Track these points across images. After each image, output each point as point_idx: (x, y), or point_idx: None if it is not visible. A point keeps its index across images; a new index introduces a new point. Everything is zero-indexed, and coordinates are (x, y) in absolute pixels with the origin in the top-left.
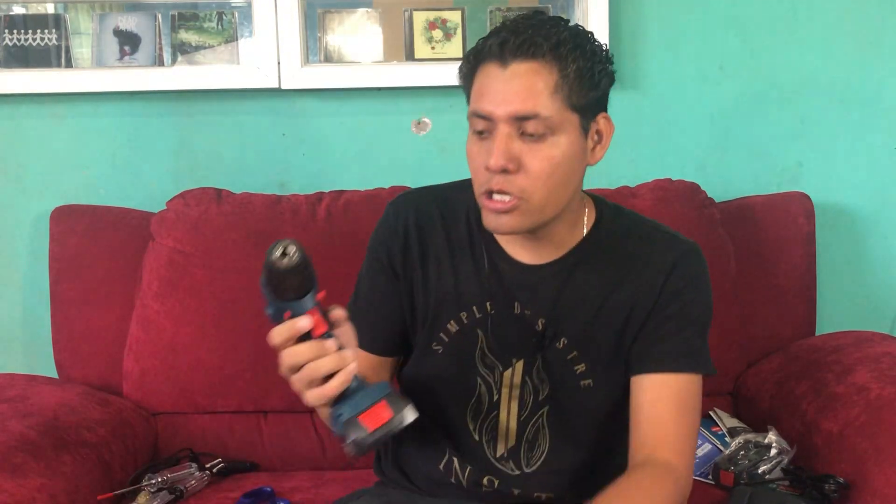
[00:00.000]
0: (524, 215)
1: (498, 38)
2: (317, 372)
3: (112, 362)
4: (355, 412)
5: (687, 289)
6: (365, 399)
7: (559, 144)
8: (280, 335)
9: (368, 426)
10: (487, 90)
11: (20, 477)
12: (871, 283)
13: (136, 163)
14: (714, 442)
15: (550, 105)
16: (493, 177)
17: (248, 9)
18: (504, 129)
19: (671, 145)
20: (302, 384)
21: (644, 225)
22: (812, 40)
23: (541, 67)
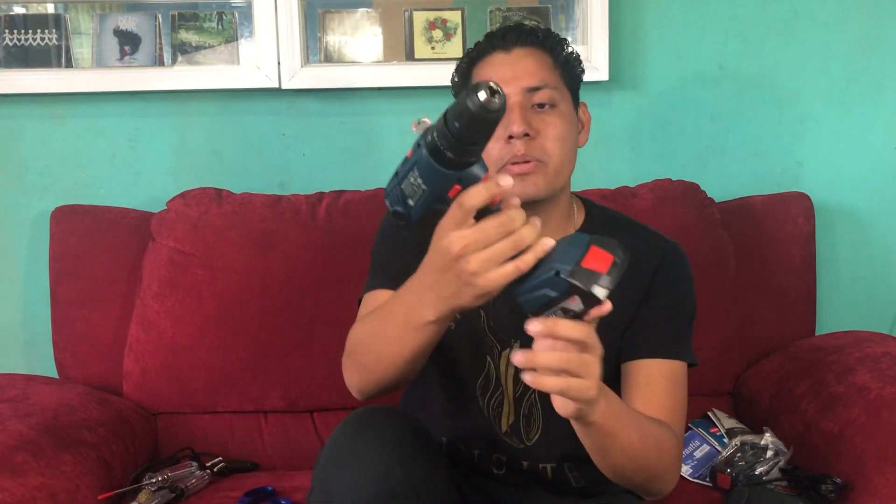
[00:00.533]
0: (544, 178)
1: (494, 35)
2: (517, 243)
3: (112, 362)
4: (574, 262)
5: (676, 283)
6: (570, 247)
7: (564, 114)
8: (478, 195)
9: (601, 269)
10: (494, 74)
11: (20, 476)
12: (871, 283)
13: (136, 163)
14: (712, 443)
15: (553, 78)
16: (513, 147)
17: (248, 9)
18: (518, 100)
19: (671, 145)
20: (492, 263)
21: (630, 223)
22: (812, 40)
23: (538, 51)
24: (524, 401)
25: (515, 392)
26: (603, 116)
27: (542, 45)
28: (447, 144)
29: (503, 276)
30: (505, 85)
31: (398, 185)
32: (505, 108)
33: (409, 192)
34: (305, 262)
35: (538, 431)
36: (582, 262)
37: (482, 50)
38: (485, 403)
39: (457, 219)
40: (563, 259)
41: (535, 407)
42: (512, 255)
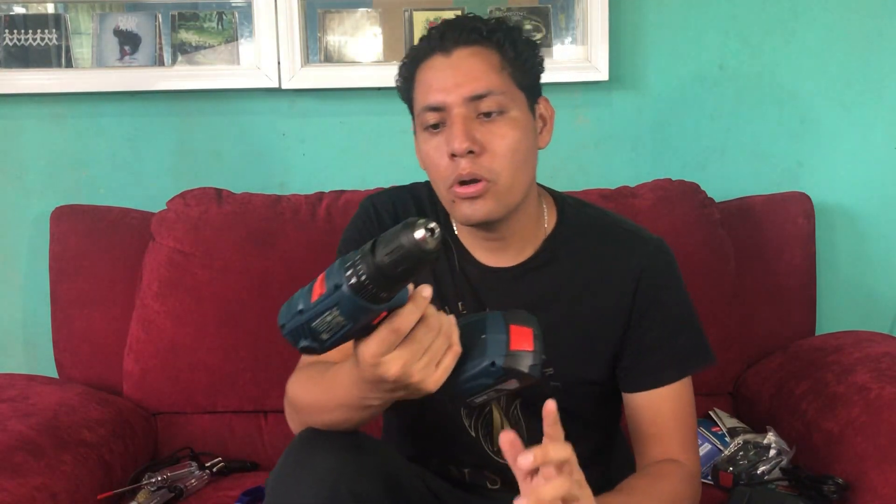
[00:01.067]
0: (495, 198)
1: (433, 35)
2: (443, 346)
3: (112, 362)
4: (503, 350)
5: (661, 291)
6: (495, 337)
7: (515, 121)
8: (408, 319)
9: (527, 346)
10: (435, 81)
11: (20, 476)
12: (871, 283)
13: (136, 163)
14: (714, 442)
15: (500, 81)
16: (458, 165)
17: (248, 9)
18: (460, 112)
19: (671, 145)
20: (432, 368)
21: (606, 219)
22: (812, 40)
23: (482, 49)
24: (509, 415)
25: (501, 407)
26: (603, 116)
27: (488, 42)
28: (377, 283)
29: (445, 371)
30: (445, 93)
31: (306, 324)
32: (439, 248)
33: (325, 328)
34: (305, 262)
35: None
36: (510, 346)
37: (421, 52)
38: (471, 424)
39: (389, 342)
40: (492, 346)
41: (519, 424)
42: (447, 349)
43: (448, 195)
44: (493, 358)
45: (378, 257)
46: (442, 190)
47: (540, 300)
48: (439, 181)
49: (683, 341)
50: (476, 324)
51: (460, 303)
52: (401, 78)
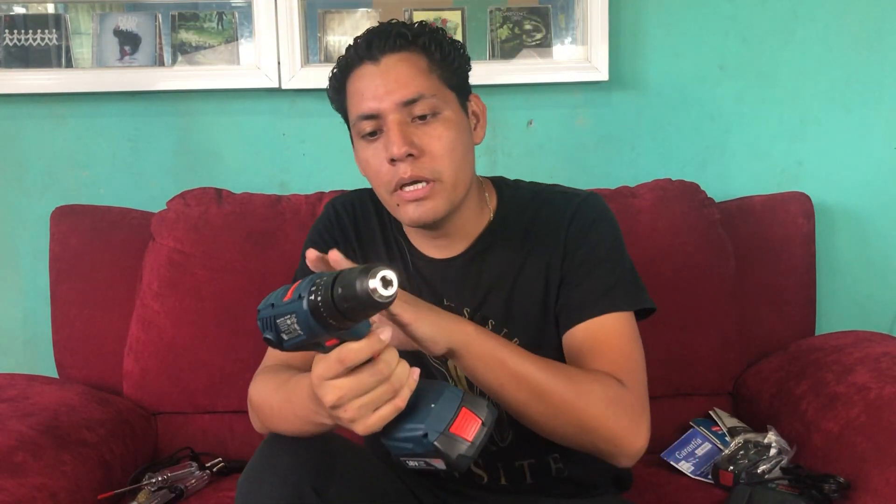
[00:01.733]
0: (441, 196)
1: (360, 44)
2: (393, 387)
3: (112, 362)
4: (442, 426)
5: (588, 231)
6: (443, 410)
7: (449, 121)
8: (358, 355)
9: (465, 436)
10: (366, 90)
11: (20, 476)
12: (871, 283)
13: (136, 163)
14: (714, 441)
15: (429, 84)
16: (398, 169)
17: (248, 9)
18: (395, 118)
19: (671, 145)
20: (368, 410)
21: (542, 191)
22: (812, 40)
23: (410, 55)
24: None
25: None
26: (603, 116)
27: (414, 47)
28: (328, 312)
29: (380, 420)
30: (377, 101)
31: (273, 317)
32: (391, 301)
33: (285, 329)
34: None
35: (510, 433)
36: (450, 428)
37: (350, 61)
38: None
39: (334, 371)
40: (434, 419)
41: (502, 415)
42: (390, 398)
43: (392, 199)
44: (428, 430)
45: (335, 289)
46: (385, 195)
47: (490, 279)
48: (381, 187)
49: (613, 277)
50: (434, 390)
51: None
52: (332, 89)
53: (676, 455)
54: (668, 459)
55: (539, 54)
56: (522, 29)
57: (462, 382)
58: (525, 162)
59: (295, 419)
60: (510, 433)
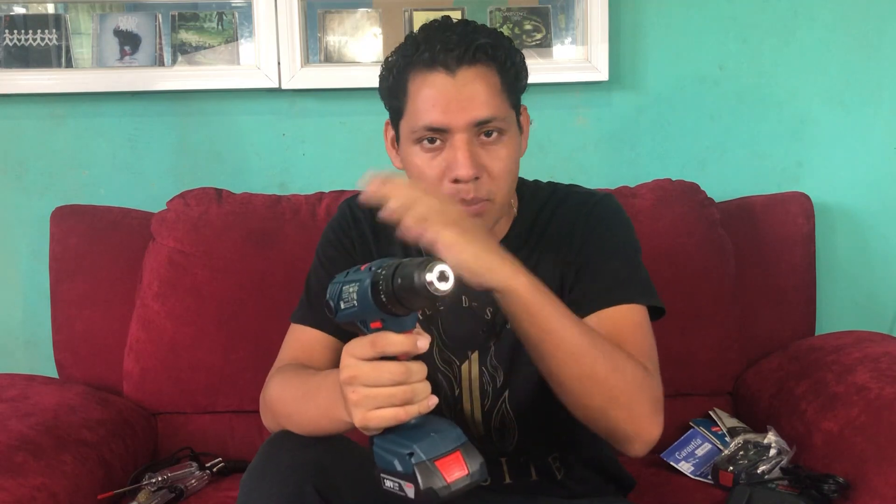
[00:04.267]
0: (490, 215)
1: (434, 47)
2: (405, 395)
3: (112, 362)
4: (431, 455)
5: (600, 226)
6: (440, 442)
7: (510, 142)
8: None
9: (446, 476)
10: (437, 101)
11: (21, 476)
12: (871, 283)
13: (136, 163)
14: (714, 442)
15: (500, 106)
16: (461, 188)
17: (248, 9)
18: (464, 137)
19: (671, 145)
20: (373, 403)
21: (559, 190)
22: (812, 40)
23: (486, 71)
24: (494, 414)
25: (483, 406)
26: (603, 116)
27: (492, 61)
28: (385, 291)
29: (379, 419)
30: (449, 116)
31: (342, 284)
32: (448, 293)
33: (346, 296)
34: (305, 262)
35: (514, 439)
36: (437, 461)
37: (422, 61)
38: (450, 415)
39: (363, 351)
40: (428, 446)
41: (507, 418)
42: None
43: None
44: (415, 451)
45: (395, 275)
46: None
47: None
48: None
49: (624, 269)
50: (444, 425)
51: None
52: (388, 81)
53: (676, 455)
54: (667, 460)
55: (539, 54)
56: (522, 29)
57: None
58: (525, 162)
59: (315, 411)
60: (516, 440)
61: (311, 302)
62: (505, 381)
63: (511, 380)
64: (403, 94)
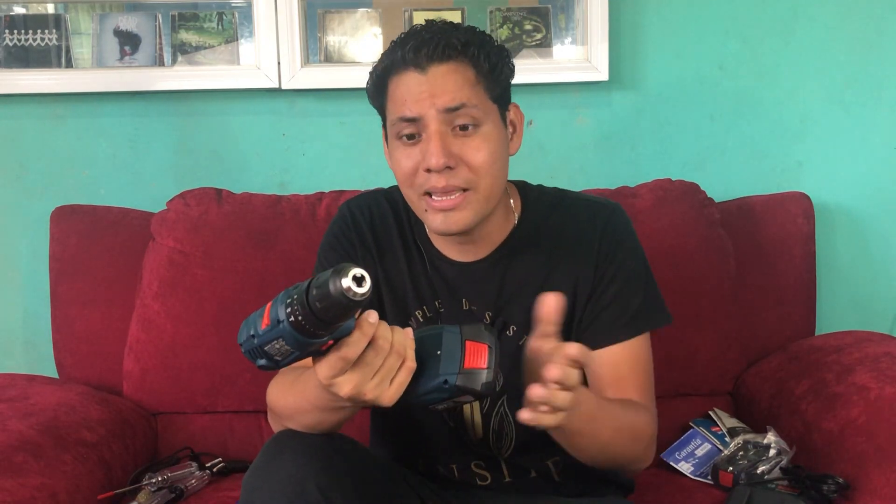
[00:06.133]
0: (473, 207)
1: (409, 46)
2: (395, 365)
3: (112, 362)
4: (457, 366)
5: (619, 249)
6: (449, 352)
7: (490, 134)
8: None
9: (480, 365)
10: (409, 94)
11: (20, 476)
12: (871, 283)
13: (136, 163)
14: (714, 442)
15: (474, 95)
16: (431, 177)
17: (248, 9)
18: (436, 126)
19: (671, 145)
20: (381, 388)
21: (566, 198)
22: (812, 40)
23: (458, 65)
24: (493, 416)
25: (482, 408)
26: (603, 116)
27: (463, 57)
28: (311, 324)
29: (400, 386)
30: (420, 106)
31: (259, 347)
32: (367, 298)
33: (275, 352)
34: (305, 262)
35: (511, 444)
36: (464, 364)
37: (395, 63)
38: (449, 417)
39: (339, 368)
40: (446, 363)
41: (505, 420)
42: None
43: (420, 204)
44: (445, 376)
45: (310, 300)
46: (413, 198)
47: (513, 285)
48: (410, 189)
49: (639, 299)
50: (433, 337)
51: (437, 301)
52: (372, 86)
53: (676, 455)
54: (667, 460)
55: (539, 54)
56: (522, 29)
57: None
58: (525, 162)
59: (314, 411)
60: (513, 444)
61: None
62: (504, 385)
63: (511, 384)
64: (384, 95)
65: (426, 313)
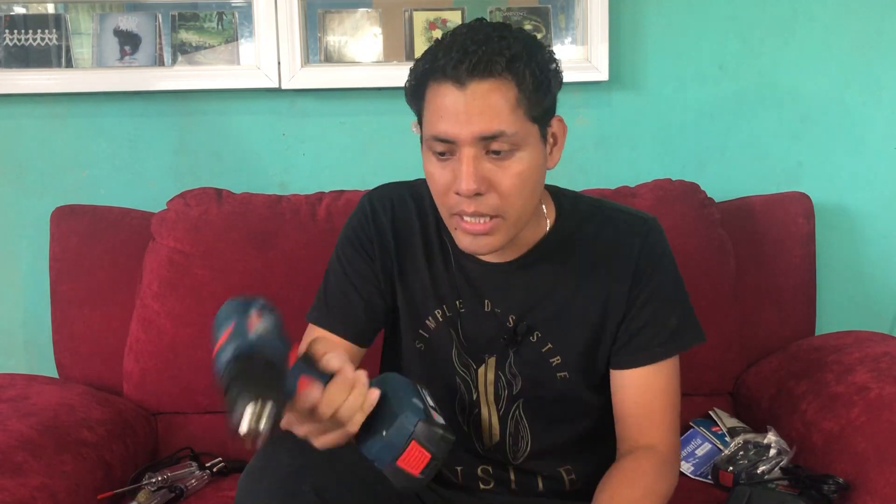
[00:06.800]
0: (502, 232)
1: (450, 57)
2: (332, 427)
3: (112, 362)
4: (390, 457)
5: (658, 268)
6: (393, 438)
7: (525, 158)
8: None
9: (412, 471)
10: (446, 112)
11: (21, 476)
12: (871, 283)
13: (136, 163)
14: (714, 442)
15: (513, 121)
16: (462, 200)
17: (249, 9)
18: (469, 151)
19: (671, 145)
20: (311, 436)
21: (603, 208)
22: (812, 40)
23: (500, 84)
24: (509, 420)
25: (499, 411)
26: (603, 116)
27: (508, 73)
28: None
29: (326, 444)
30: (456, 128)
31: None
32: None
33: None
34: (305, 262)
35: (527, 447)
36: (398, 461)
37: (435, 70)
38: (465, 421)
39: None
40: (384, 447)
41: (521, 424)
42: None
43: (451, 221)
44: (376, 459)
45: (221, 379)
46: (444, 213)
47: (541, 290)
48: (442, 206)
49: (676, 319)
50: (391, 414)
51: (458, 301)
52: (410, 88)
53: None
54: None
55: None
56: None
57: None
58: None
59: None
60: (528, 447)
61: (327, 301)
62: (522, 390)
63: (530, 390)
64: (421, 100)
65: (445, 312)
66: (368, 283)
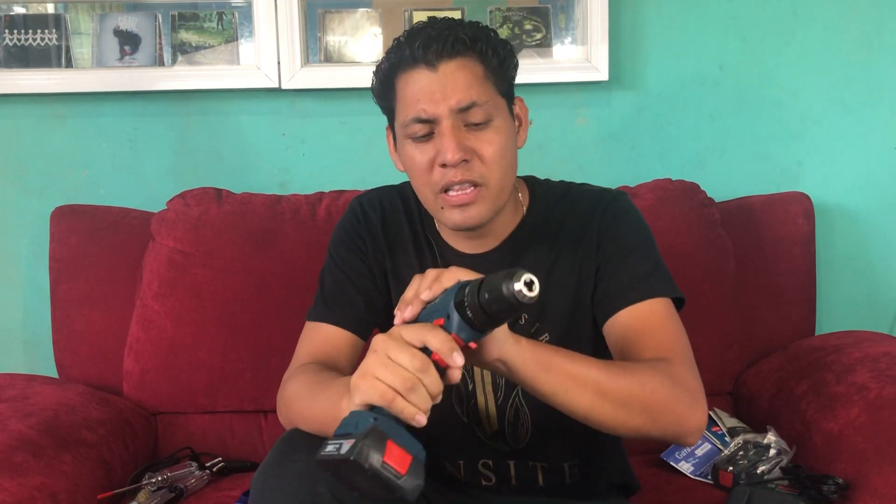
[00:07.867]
0: (486, 202)
1: (417, 44)
2: (407, 384)
3: (112, 362)
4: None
5: (616, 224)
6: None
7: (500, 128)
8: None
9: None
10: (422, 93)
11: (21, 476)
12: (871, 283)
13: (136, 163)
14: (714, 442)
15: (484, 91)
16: (448, 172)
17: (248, 9)
18: (449, 123)
19: (671, 145)
20: (379, 373)
21: (572, 189)
22: (812, 40)
23: (467, 62)
24: (508, 408)
25: (497, 399)
26: (603, 116)
27: (472, 52)
28: (471, 306)
29: (370, 389)
30: (433, 106)
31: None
32: (535, 299)
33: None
34: (305, 262)
35: (528, 435)
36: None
37: (404, 60)
38: (463, 411)
39: (405, 334)
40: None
41: (521, 411)
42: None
43: (436, 202)
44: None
45: (481, 293)
46: (429, 196)
47: None
48: (426, 187)
49: (644, 263)
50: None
51: None
52: (378, 84)
53: (676, 455)
54: (667, 460)
55: (539, 54)
56: (522, 29)
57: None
58: (525, 162)
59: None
60: (529, 434)
61: (326, 300)
62: None
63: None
64: (392, 94)
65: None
66: (365, 280)
